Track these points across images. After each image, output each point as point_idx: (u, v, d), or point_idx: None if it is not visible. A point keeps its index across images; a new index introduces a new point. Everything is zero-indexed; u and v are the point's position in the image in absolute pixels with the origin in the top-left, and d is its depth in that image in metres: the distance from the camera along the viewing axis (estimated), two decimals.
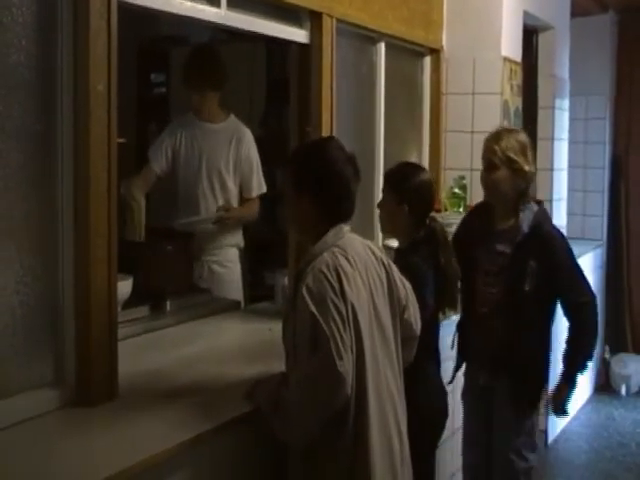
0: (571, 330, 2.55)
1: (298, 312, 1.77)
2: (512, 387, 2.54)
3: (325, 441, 1.78)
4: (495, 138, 2.54)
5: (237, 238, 3.34)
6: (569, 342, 2.56)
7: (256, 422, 1.88)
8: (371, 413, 1.79)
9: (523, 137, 2.59)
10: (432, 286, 2.28)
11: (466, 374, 2.74)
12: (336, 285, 1.75)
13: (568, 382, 2.58)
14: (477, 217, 2.70)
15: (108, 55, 1.90)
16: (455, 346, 2.70)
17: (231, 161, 3.24)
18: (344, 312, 1.73)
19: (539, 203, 2.64)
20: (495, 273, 2.54)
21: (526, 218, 2.51)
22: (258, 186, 3.31)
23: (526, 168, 2.50)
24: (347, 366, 1.70)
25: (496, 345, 2.55)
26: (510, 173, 2.50)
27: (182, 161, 3.28)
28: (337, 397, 1.71)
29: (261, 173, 3.32)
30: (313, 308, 1.72)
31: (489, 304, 2.56)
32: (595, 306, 2.55)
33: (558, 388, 2.60)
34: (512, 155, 2.48)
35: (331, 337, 1.69)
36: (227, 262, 3.28)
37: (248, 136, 3.29)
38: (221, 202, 3.24)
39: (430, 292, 2.26)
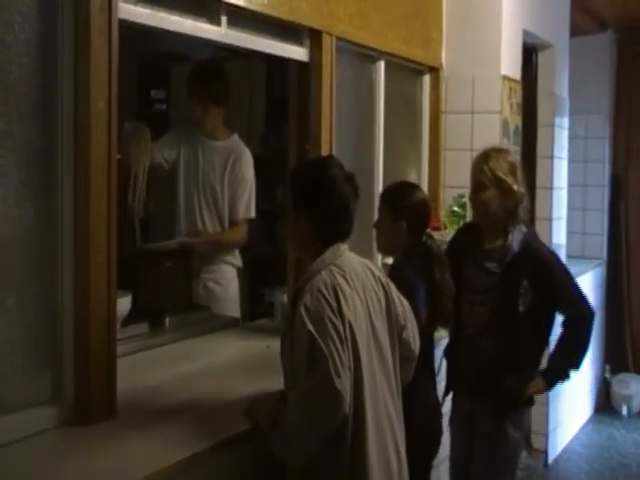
0: (566, 339, 2.53)
1: (296, 331, 1.77)
2: (497, 403, 2.50)
3: (323, 459, 1.76)
4: (484, 158, 2.52)
5: (234, 257, 3.32)
6: (561, 350, 2.54)
7: (254, 440, 1.86)
8: (369, 432, 1.78)
9: (512, 157, 2.58)
10: (424, 299, 2.28)
11: (453, 399, 2.69)
12: (334, 304, 1.74)
13: (547, 383, 2.56)
14: (465, 236, 2.68)
15: (109, 72, 1.91)
16: (443, 371, 2.65)
17: (226, 180, 3.19)
18: (342, 331, 1.73)
19: (528, 225, 2.62)
20: (482, 292, 2.51)
21: (516, 238, 2.49)
22: (246, 210, 3.21)
23: (515, 188, 2.48)
24: (345, 384, 1.69)
25: (485, 365, 2.50)
26: (499, 193, 2.48)
27: (182, 173, 3.25)
28: (335, 415, 1.70)
29: (253, 198, 3.23)
30: (311, 327, 1.71)
31: (477, 324, 2.52)
32: (593, 321, 2.54)
33: (536, 383, 2.54)
34: (501, 175, 2.47)
35: (329, 356, 1.69)
36: (223, 280, 3.25)
37: (247, 157, 3.24)
38: (216, 220, 3.22)
39: (422, 304, 2.25)
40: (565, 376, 2.56)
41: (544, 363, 2.64)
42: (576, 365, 2.55)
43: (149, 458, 1.72)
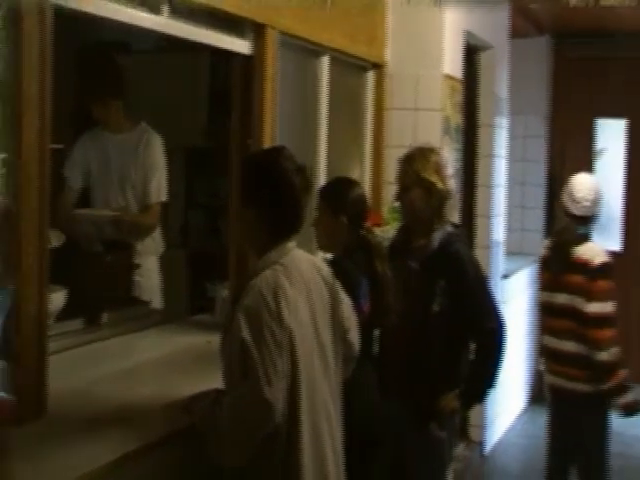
0: (478, 357, 2.51)
1: (233, 332, 1.73)
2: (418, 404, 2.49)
3: (257, 460, 1.74)
4: (407, 159, 2.55)
5: (154, 242, 3.29)
6: (473, 367, 2.52)
7: (188, 440, 1.83)
8: (304, 439, 1.76)
9: (436, 156, 2.58)
10: (366, 292, 2.28)
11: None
12: (273, 307, 1.71)
13: (462, 404, 2.53)
14: (399, 238, 2.70)
15: (41, 58, 1.85)
16: None
17: (139, 167, 3.18)
18: (279, 336, 1.70)
19: (457, 226, 2.65)
20: (403, 290, 2.46)
21: (438, 237, 2.50)
22: (157, 193, 3.20)
23: (439, 186, 2.50)
24: (276, 393, 1.67)
25: (400, 366, 2.50)
26: (423, 192, 2.49)
27: (95, 176, 3.24)
28: (265, 424, 1.68)
29: (164, 181, 3.22)
30: (246, 332, 1.68)
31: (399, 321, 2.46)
32: (503, 333, 2.49)
33: (450, 401, 2.49)
34: (424, 175, 2.48)
35: (260, 363, 1.66)
36: (145, 270, 3.20)
37: (156, 142, 3.22)
38: (134, 207, 3.19)
39: (364, 297, 2.26)
40: (481, 397, 2.55)
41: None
42: (490, 384, 2.51)
43: (80, 458, 1.68)
